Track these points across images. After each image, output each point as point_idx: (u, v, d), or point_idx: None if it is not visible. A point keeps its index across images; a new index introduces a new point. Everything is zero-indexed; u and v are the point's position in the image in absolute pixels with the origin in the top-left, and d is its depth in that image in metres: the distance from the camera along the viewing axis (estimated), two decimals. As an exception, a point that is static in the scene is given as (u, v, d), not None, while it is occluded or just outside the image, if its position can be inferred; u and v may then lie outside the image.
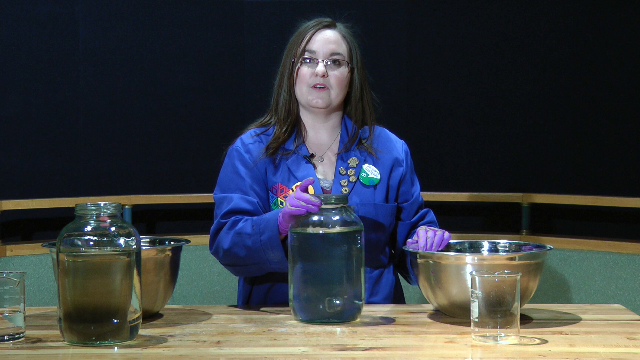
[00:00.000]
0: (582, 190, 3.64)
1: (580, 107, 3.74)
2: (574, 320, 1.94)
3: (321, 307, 1.92)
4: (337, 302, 1.92)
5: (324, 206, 1.94)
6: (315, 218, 1.93)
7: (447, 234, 2.13)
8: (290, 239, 1.96)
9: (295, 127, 2.32)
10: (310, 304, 1.92)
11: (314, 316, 1.93)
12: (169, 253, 1.99)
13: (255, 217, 2.15)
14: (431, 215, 2.38)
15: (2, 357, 1.63)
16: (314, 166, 2.29)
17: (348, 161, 2.29)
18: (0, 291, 1.75)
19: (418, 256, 1.99)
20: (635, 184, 3.64)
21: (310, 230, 1.93)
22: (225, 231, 2.18)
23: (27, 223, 3.76)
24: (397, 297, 2.33)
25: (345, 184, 2.26)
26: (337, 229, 1.92)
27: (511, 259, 1.91)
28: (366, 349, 1.68)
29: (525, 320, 1.91)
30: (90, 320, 1.68)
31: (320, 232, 1.92)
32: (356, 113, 2.32)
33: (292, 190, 2.20)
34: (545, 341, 1.73)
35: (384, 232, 2.27)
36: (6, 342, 1.73)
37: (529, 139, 3.78)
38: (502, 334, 1.70)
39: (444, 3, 3.84)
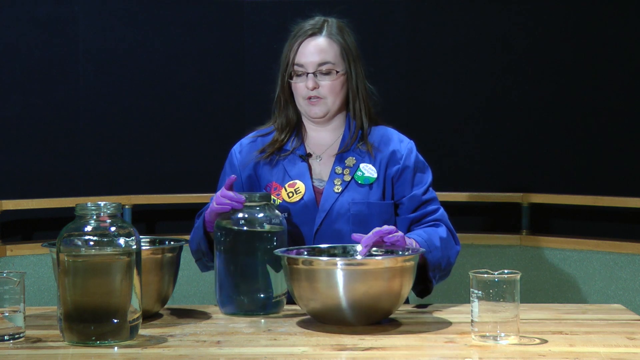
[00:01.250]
0: (582, 190, 3.64)
1: (580, 107, 3.74)
2: (574, 320, 1.93)
3: (246, 301, 1.98)
4: (261, 295, 1.98)
5: (247, 203, 2.01)
6: (237, 214, 2.01)
7: (398, 235, 1.99)
8: (214, 234, 2.04)
9: (295, 129, 2.34)
10: (231, 298, 1.99)
11: (236, 309, 1.99)
12: (169, 253, 1.99)
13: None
14: (439, 214, 2.27)
15: (2, 357, 1.63)
16: (309, 165, 2.30)
17: (345, 161, 2.29)
18: (0, 291, 1.75)
19: (287, 260, 1.87)
20: (635, 184, 3.63)
21: (231, 225, 2.00)
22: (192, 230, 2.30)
23: (27, 223, 3.76)
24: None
25: (339, 182, 2.27)
26: (257, 226, 2.00)
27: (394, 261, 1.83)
28: (366, 349, 1.67)
29: (525, 320, 1.90)
30: (90, 320, 1.68)
31: (243, 228, 2.00)
32: (355, 112, 2.33)
33: (285, 189, 2.25)
34: (545, 341, 1.73)
35: None
36: (6, 342, 1.73)
37: (529, 139, 3.78)
38: (502, 334, 1.70)
39: (444, 3, 3.84)
